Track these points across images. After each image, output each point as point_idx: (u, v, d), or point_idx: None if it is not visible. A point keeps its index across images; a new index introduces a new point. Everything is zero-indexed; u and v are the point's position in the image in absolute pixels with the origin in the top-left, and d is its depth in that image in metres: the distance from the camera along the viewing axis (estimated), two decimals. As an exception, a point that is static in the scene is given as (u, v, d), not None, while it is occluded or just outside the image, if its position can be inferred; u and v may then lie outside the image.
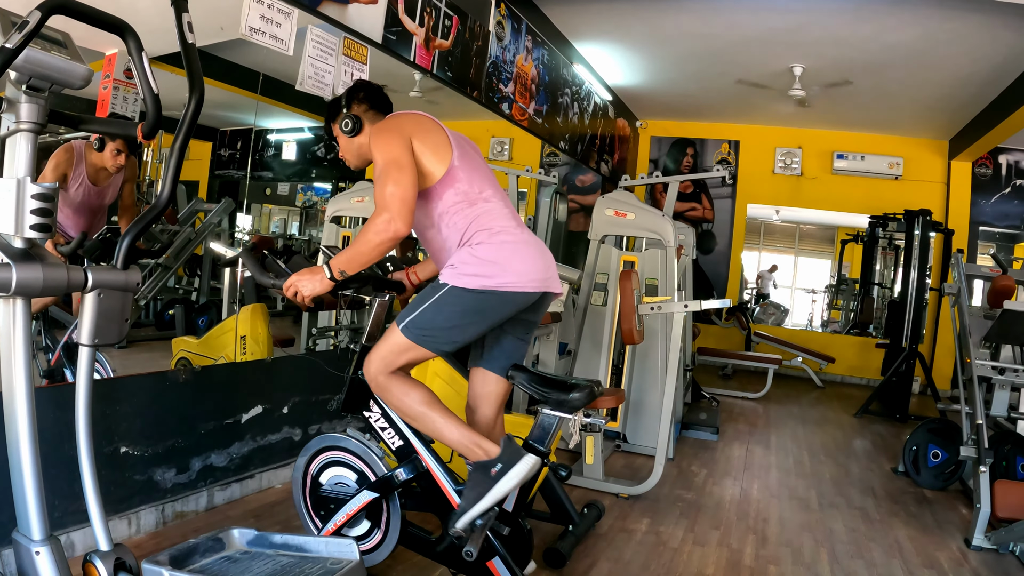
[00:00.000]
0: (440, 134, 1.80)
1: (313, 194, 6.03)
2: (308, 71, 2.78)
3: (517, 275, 1.72)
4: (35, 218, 1.30)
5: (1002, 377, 3.05)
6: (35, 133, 1.34)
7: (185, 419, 2.43)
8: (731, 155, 7.45)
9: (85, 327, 1.37)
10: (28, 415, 1.34)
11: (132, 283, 1.43)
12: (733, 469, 3.64)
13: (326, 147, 6.00)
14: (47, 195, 1.31)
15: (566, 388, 1.65)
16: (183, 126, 1.43)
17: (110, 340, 1.41)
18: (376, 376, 1.77)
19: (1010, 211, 6.46)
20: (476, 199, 1.77)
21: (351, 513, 1.90)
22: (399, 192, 1.64)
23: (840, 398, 6.12)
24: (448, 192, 1.76)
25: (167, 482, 2.36)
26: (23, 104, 1.30)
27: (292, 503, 2.58)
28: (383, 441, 1.92)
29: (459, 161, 1.77)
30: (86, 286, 1.35)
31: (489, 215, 1.76)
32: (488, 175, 1.85)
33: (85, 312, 1.37)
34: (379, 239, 1.64)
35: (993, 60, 4.49)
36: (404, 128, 1.76)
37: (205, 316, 3.89)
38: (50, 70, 1.30)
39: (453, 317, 1.72)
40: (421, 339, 1.73)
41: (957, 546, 2.77)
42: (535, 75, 4.84)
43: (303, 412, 2.97)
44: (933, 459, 3.49)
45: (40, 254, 1.32)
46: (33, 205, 1.29)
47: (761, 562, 2.48)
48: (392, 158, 1.68)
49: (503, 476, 1.63)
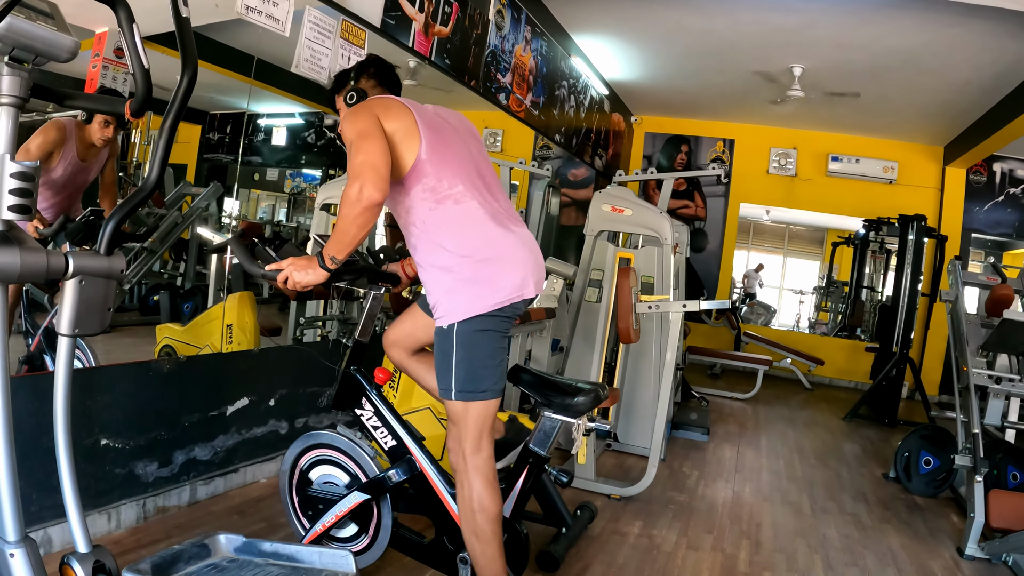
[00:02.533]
0: (407, 119, 1.64)
1: (302, 180, 5.92)
2: (304, 53, 2.69)
3: (507, 289, 1.62)
4: (14, 199, 1.20)
5: (998, 386, 3.04)
6: (17, 108, 1.24)
7: (168, 411, 2.34)
8: (725, 154, 7.42)
9: (65, 316, 1.29)
10: (3, 410, 1.25)
11: (116, 270, 1.33)
12: (725, 471, 3.62)
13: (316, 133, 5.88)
14: (27, 174, 1.22)
15: (571, 392, 1.59)
16: (174, 105, 1.33)
17: (91, 330, 1.32)
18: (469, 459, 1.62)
19: (1003, 219, 6.49)
20: (444, 196, 1.63)
21: (341, 514, 1.84)
22: (369, 159, 1.52)
23: (828, 400, 6.14)
24: (415, 188, 1.63)
25: (148, 476, 2.27)
26: (4, 76, 1.21)
27: (277, 499, 2.52)
28: (375, 440, 1.85)
29: (428, 153, 1.63)
30: (67, 272, 1.26)
31: (460, 222, 1.63)
32: (466, 165, 1.70)
33: (66, 300, 1.28)
34: (355, 211, 1.51)
35: (995, 68, 4.48)
36: (372, 107, 1.66)
37: (190, 302, 3.78)
38: (34, 40, 1.20)
39: (481, 349, 1.62)
40: (481, 392, 1.62)
41: (950, 555, 2.76)
42: (533, 66, 4.76)
43: (290, 404, 2.89)
44: (925, 466, 3.48)
45: (18, 237, 1.23)
46: (12, 185, 1.20)
47: (756, 568, 2.44)
48: (358, 130, 1.58)
49: None
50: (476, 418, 1.61)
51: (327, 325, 4.14)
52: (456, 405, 1.62)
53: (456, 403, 1.62)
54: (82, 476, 1.93)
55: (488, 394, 1.61)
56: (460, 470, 1.62)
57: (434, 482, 1.75)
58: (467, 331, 1.60)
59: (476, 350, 1.61)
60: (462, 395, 1.61)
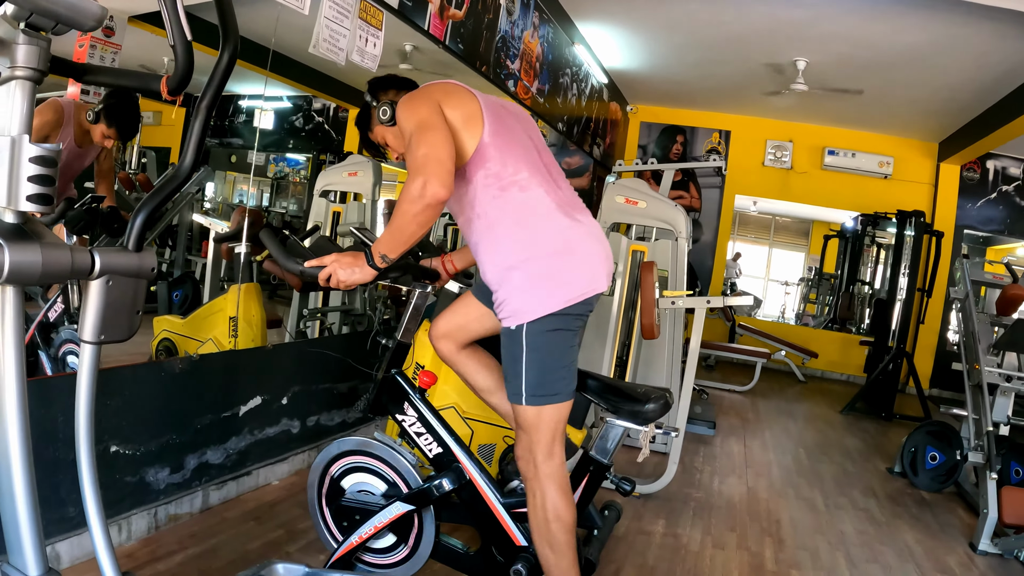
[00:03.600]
0: (471, 104, 1.57)
1: (286, 165, 5.78)
2: (323, 33, 2.58)
3: (578, 285, 1.55)
4: (33, 187, 1.06)
5: (1009, 384, 3.08)
6: (34, 82, 1.09)
7: (180, 413, 2.22)
8: (721, 145, 7.41)
9: (89, 321, 1.14)
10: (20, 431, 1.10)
11: (147, 268, 1.19)
12: (736, 466, 3.63)
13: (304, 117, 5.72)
14: (48, 158, 1.07)
15: (641, 398, 1.53)
16: (212, 84, 1.17)
17: (119, 336, 1.18)
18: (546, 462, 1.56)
19: (994, 215, 6.61)
20: (509, 183, 1.55)
21: (381, 525, 1.75)
22: (433, 152, 1.43)
23: (823, 393, 6.22)
24: (478, 173, 1.55)
25: (160, 483, 2.15)
26: (20, 46, 1.07)
27: (293, 503, 2.44)
28: (418, 447, 1.78)
29: (491, 137, 1.56)
30: (92, 271, 1.11)
31: (526, 208, 1.57)
32: (530, 152, 1.63)
33: (90, 303, 1.14)
34: (416, 208, 1.42)
35: (999, 68, 4.51)
36: (432, 93, 1.57)
37: (179, 290, 3.65)
38: (56, 5, 1.05)
39: (552, 351, 1.55)
40: (553, 396, 1.54)
41: (963, 550, 2.80)
42: (539, 53, 4.68)
43: (302, 403, 2.80)
44: (931, 461, 3.53)
45: (37, 231, 1.08)
46: (31, 171, 1.06)
47: (782, 566, 2.45)
48: (419, 120, 1.49)
49: None
50: (548, 423, 1.54)
51: (329, 317, 4.04)
52: (527, 411, 1.55)
53: (527, 408, 1.55)
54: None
55: (560, 397, 1.55)
56: (531, 477, 1.55)
57: (484, 491, 1.69)
58: (538, 331, 1.53)
59: (548, 351, 1.53)
60: (534, 399, 1.54)
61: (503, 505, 1.68)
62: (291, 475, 2.71)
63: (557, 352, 1.55)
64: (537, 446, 1.55)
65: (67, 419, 1.79)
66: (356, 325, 4.01)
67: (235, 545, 2.08)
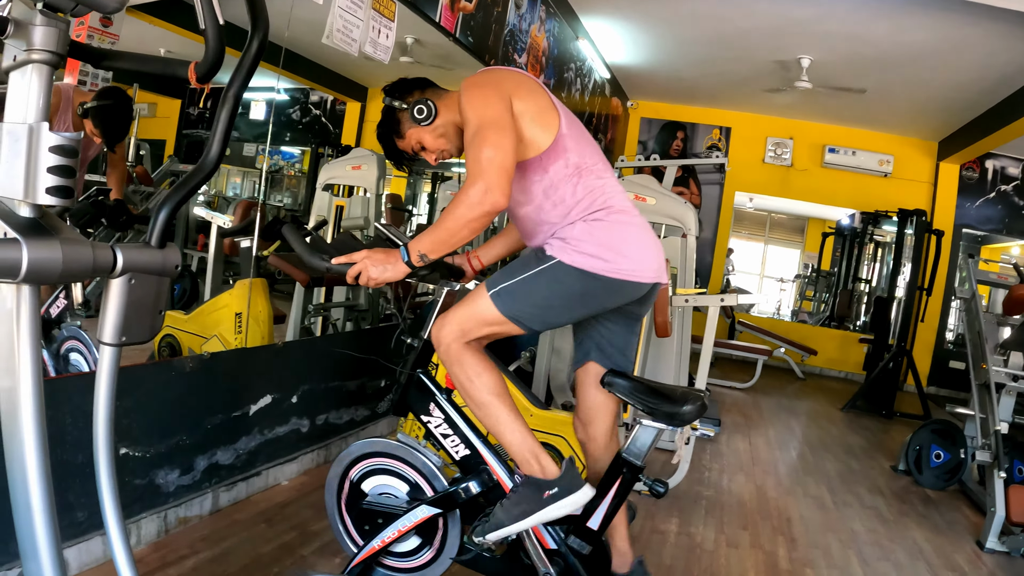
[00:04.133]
0: (545, 97, 1.57)
1: (279, 158, 5.72)
2: (337, 23, 2.54)
3: (633, 263, 1.54)
4: (53, 178, 0.98)
5: (1015, 384, 3.11)
6: (52, 66, 1.03)
7: (191, 413, 2.18)
8: (721, 141, 7.42)
9: (110, 321, 1.07)
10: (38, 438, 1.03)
11: (171, 265, 1.13)
12: (742, 464, 3.64)
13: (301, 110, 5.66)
14: (69, 147, 1.00)
15: (678, 399, 1.52)
16: (241, 71, 1.12)
17: (141, 338, 1.12)
18: (449, 342, 1.56)
19: (993, 215, 6.66)
20: (587, 172, 1.56)
21: (405, 529, 1.72)
22: (498, 157, 1.41)
23: (823, 391, 6.27)
24: (556, 164, 1.54)
25: (170, 485, 2.11)
26: (37, 27, 1.00)
27: (303, 504, 2.40)
28: (443, 449, 1.75)
29: (568, 128, 1.56)
30: (114, 269, 1.05)
31: (604, 192, 1.57)
32: (598, 149, 1.64)
33: (111, 302, 1.07)
34: (473, 214, 1.39)
35: (1004, 69, 4.53)
36: (503, 85, 1.53)
37: (178, 284, 3.61)
38: None
39: (554, 297, 1.53)
40: (511, 313, 1.54)
41: (971, 548, 2.83)
42: (546, 47, 4.66)
43: (312, 401, 2.77)
44: (935, 459, 3.56)
45: (55, 225, 1.01)
46: (51, 161, 0.98)
47: (797, 565, 2.46)
48: (491, 118, 1.45)
49: (555, 502, 1.49)
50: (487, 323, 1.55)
51: (333, 313, 4.00)
52: (483, 299, 1.55)
53: (486, 297, 1.55)
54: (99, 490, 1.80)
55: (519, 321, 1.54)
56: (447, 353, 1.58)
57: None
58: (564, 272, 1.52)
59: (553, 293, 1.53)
60: (499, 300, 1.53)
61: (532, 507, 1.66)
62: (300, 475, 2.68)
63: (554, 298, 1.54)
64: (456, 314, 1.56)
65: (75, 421, 1.75)
66: (360, 320, 3.98)
67: (247, 548, 2.05)
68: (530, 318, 1.56)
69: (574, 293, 1.54)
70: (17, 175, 0.96)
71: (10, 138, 0.96)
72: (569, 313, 1.60)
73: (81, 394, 1.76)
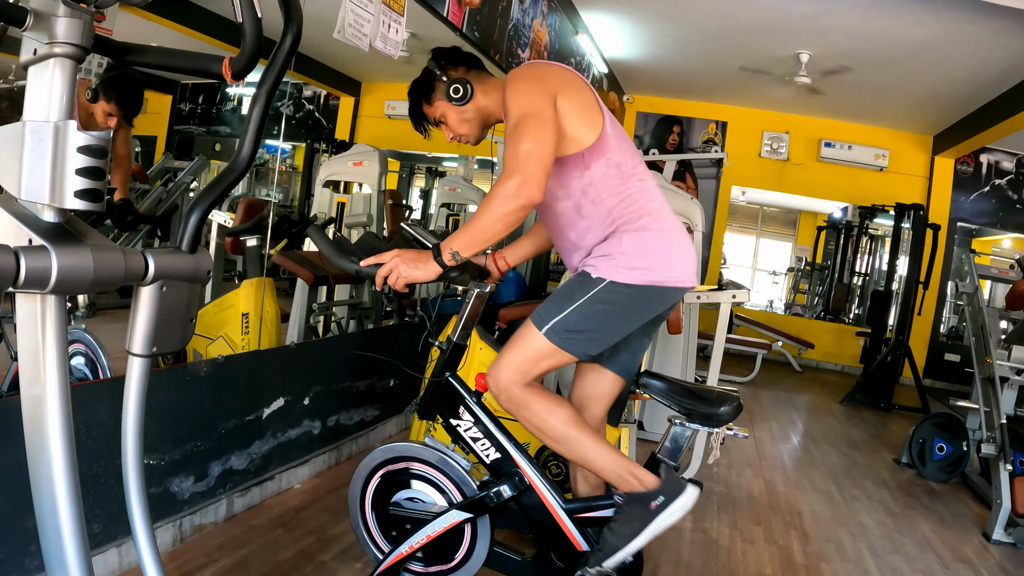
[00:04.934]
0: (590, 95, 1.57)
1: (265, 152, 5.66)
2: (349, 17, 2.52)
3: (678, 270, 1.55)
4: (82, 180, 0.92)
5: (1018, 378, 3.15)
6: (76, 60, 0.96)
7: (204, 418, 2.15)
8: (718, 136, 7.43)
9: (139, 331, 1.02)
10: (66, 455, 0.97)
11: (203, 271, 1.08)
12: (749, 458, 3.67)
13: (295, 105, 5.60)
14: (98, 147, 0.93)
15: (715, 400, 1.52)
16: (274, 67, 1.08)
17: (172, 347, 1.07)
18: (510, 388, 1.55)
19: (987, 209, 6.73)
20: (629, 175, 1.55)
21: (435, 534, 1.71)
22: (537, 152, 1.39)
23: (821, 384, 6.33)
24: (598, 162, 1.54)
25: (184, 492, 2.08)
26: (60, 19, 0.94)
27: (319, 508, 2.39)
28: (473, 453, 1.75)
29: (611, 127, 1.56)
30: (146, 276, 0.98)
31: (645, 196, 1.56)
32: (637, 151, 1.65)
33: (141, 311, 1.02)
34: (509, 207, 1.37)
35: (1001, 64, 4.57)
36: (549, 80, 1.53)
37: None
38: None
39: (610, 317, 1.52)
40: (567, 343, 1.53)
41: (978, 540, 2.87)
42: (547, 42, 4.65)
43: (323, 402, 2.75)
44: (938, 452, 3.61)
45: (82, 230, 0.94)
46: (80, 162, 0.91)
47: (811, 559, 2.49)
48: (533, 110, 1.44)
49: (664, 509, 1.49)
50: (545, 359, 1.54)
51: (337, 312, 3.97)
52: (537, 336, 1.54)
53: (539, 335, 1.54)
54: (116, 501, 1.76)
55: (576, 352, 1.54)
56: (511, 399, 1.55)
57: (546, 497, 1.67)
58: (616, 292, 1.51)
59: (607, 315, 1.51)
60: (554, 336, 1.52)
61: (565, 511, 1.66)
62: (313, 477, 2.66)
63: (613, 320, 1.53)
64: (510, 359, 1.54)
65: (88, 431, 1.72)
66: (364, 318, 3.96)
67: (265, 555, 2.03)
68: (587, 344, 1.55)
69: (629, 309, 1.54)
70: (43, 177, 0.89)
71: (34, 137, 0.90)
72: (625, 328, 1.59)
73: (94, 403, 1.74)
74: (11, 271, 0.82)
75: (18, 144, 0.90)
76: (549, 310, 1.56)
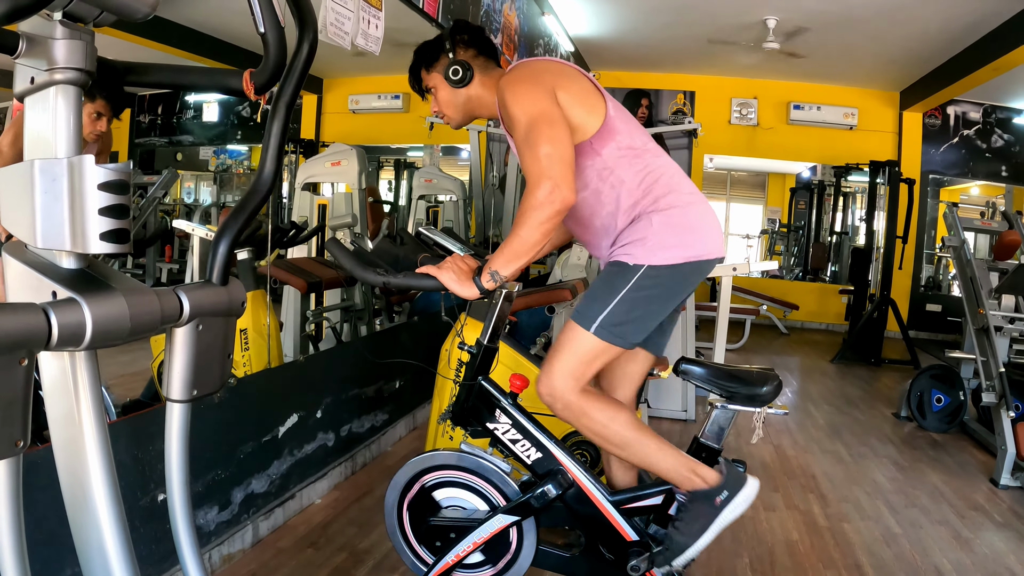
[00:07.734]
0: (586, 81, 1.54)
1: (227, 157, 5.51)
2: (329, 16, 2.43)
3: (710, 242, 1.55)
4: (107, 221, 0.81)
5: (1011, 326, 3.24)
6: (80, 87, 0.85)
7: (223, 444, 2.09)
8: (687, 106, 7.44)
9: (177, 375, 0.93)
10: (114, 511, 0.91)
11: (237, 303, 0.99)
12: (754, 424, 3.71)
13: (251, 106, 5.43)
14: (120, 182, 0.83)
15: (757, 381, 1.52)
16: (291, 79, 1.00)
17: (212, 388, 0.99)
18: (567, 397, 1.52)
19: (957, 160, 6.89)
20: (642, 151, 1.54)
21: (481, 541, 1.68)
22: (557, 152, 1.37)
23: (808, 344, 6.45)
24: (608, 147, 1.51)
25: (210, 524, 2.02)
26: (58, 41, 0.82)
27: (345, 522, 2.34)
28: (513, 455, 1.72)
29: (614, 110, 1.53)
30: (181, 316, 0.89)
31: (665, 171, 1.54)
32: (644, 130, 1.62)
33: (177, 354, 0.92)
34: (545, 214, 1.35)
35: (966, 19, 4.64)
36: (544, 76, 1.49)
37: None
38: None
39: (653, 301, 1.51)
40: (617, 337, 1.51)
41: (986, 487, 2.96)
42: (517, 25, 4.57)
43: (335, 413, 2.69)
44: (937, 404, 3.71)
45: (106, 274, 0.85)
46: (101, 200, 0.81)
47: (833, 520, 2.53)
48: (539, 112, 1.41)
49: (729, 503, 1.49)
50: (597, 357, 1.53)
51: (330, 317, 3.89)
52: (586, 337, 1.51)
53: (588, 335, 1.51)
54: (142, 541, 1.70)
55: (625, 342, 1.53)
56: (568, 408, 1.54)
57: (591, 492, 1.65)
58: (654, 276, 1.49)
59: (649, 299, 1.50)
60: (603, 332, 1.50)
61: (612, 503, 1.65)
62: (332, 491, 2.61)
63: (656, 304, 1.53)
64: (561, 366, 1.53)
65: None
66: (357, 320, 3.89)
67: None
68: (635, 332, 1.54)
69: (671, 288, 1.53)
70: (61, 221, 0.80)
71: (45, 177, 0.80)
72: (668, 308, 1.59)
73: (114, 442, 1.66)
74: (42, 331, 0.72)
75: (27, 186, 0.81)
76: (592, 307, 1.53)
